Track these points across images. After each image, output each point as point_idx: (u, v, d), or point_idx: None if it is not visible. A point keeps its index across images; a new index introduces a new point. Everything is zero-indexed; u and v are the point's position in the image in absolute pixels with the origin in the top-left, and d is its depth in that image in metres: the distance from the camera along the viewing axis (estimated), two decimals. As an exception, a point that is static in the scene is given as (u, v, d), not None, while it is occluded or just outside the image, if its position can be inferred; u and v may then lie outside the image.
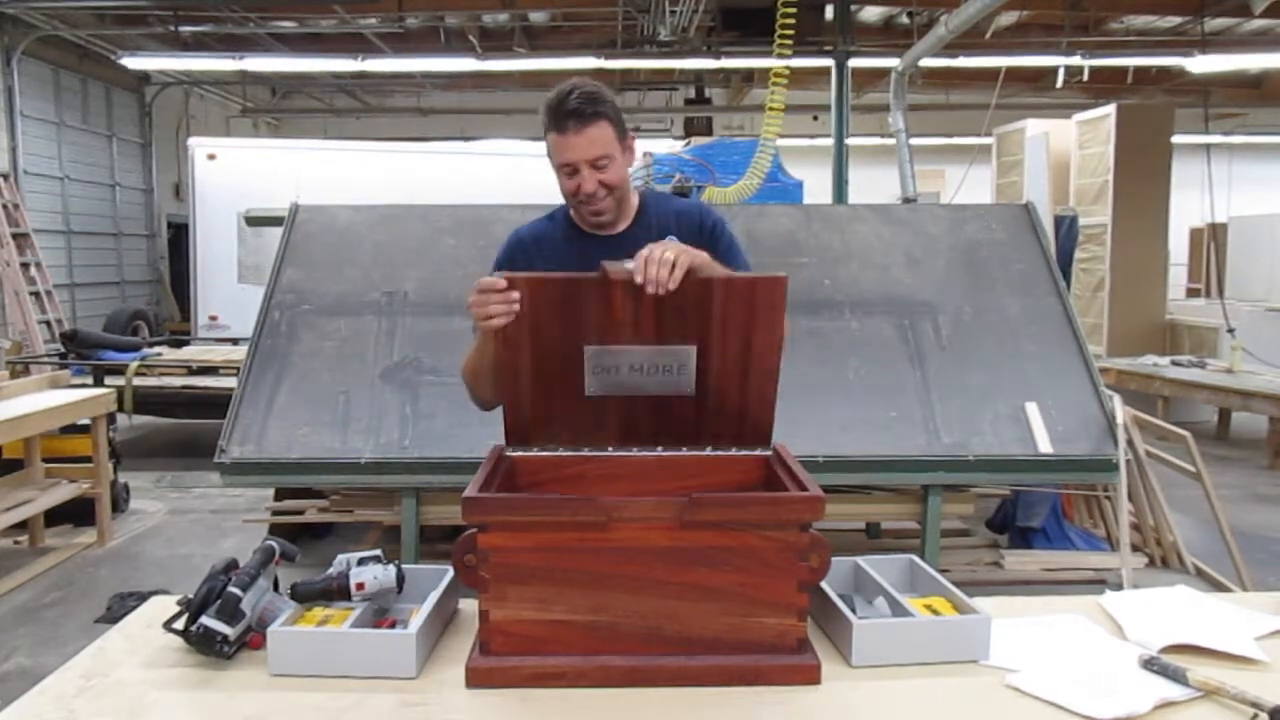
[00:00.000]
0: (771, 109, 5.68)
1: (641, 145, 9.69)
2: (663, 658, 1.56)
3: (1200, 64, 10.71)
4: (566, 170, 2.05)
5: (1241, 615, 1.80)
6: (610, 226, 2.14)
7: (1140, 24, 11.56)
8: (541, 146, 2.09)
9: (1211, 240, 11.28)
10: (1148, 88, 13.57)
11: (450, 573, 1.78)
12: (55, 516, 5.16)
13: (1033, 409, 3.87)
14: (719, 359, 1.81)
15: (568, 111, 1.99)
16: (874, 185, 13.13)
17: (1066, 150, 10.06)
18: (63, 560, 4.87)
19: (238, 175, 9.34)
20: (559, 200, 2.19)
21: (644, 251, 1.72)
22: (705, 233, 2.16)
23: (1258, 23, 11.16)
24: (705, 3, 9.32)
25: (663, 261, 1.70)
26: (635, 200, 2.20)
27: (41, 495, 4.86)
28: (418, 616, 1.67)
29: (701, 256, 1.79)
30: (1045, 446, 3.76)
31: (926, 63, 9.64)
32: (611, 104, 2.04)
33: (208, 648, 1.61)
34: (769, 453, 1.87)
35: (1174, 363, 7.81)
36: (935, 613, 1.73)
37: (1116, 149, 9.24)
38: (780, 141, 5.87)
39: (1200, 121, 11.97)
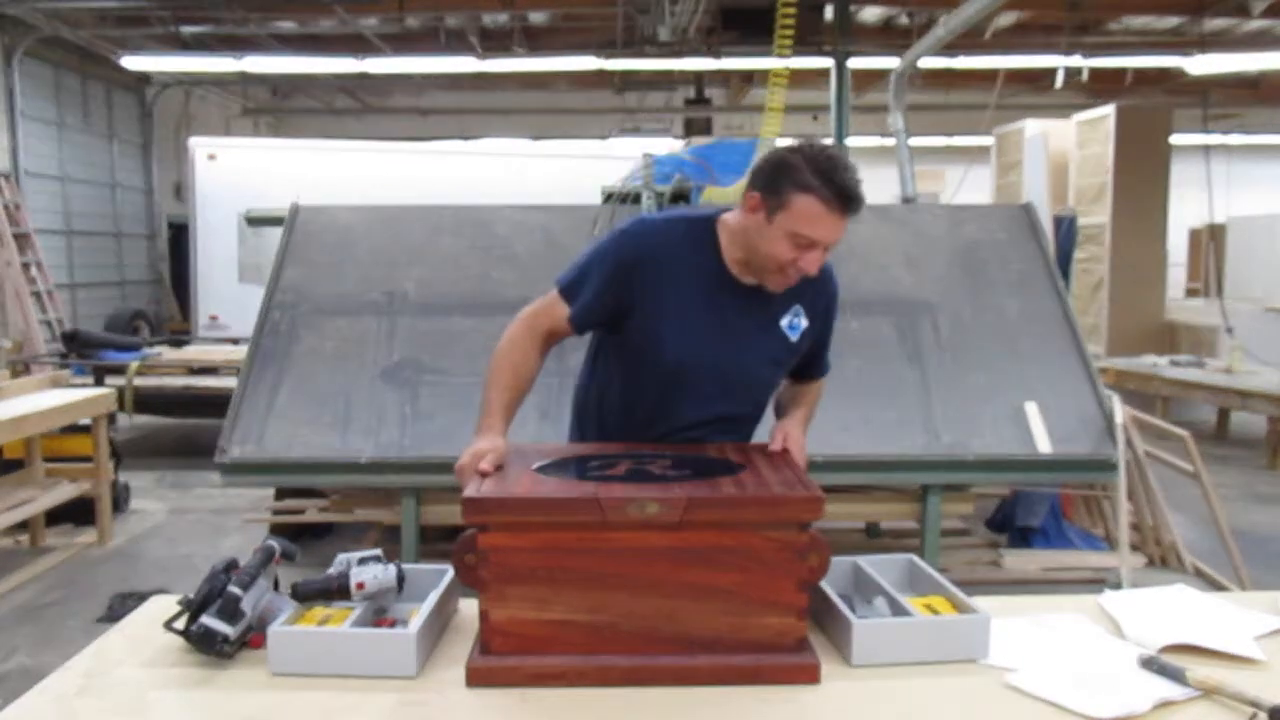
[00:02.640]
0: (771, 109, 5.69)
1: (641, 145, 9.70)
2: (662, 657, 1.56)
3: (1199, 64, 10.71)
4: (803, 242, 1.85)
5: (1241, 615, 1.80)
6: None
7: (1139, 24, 11.55)
8: (541, 146, 2.08)
9: (1210, 240, 11.29)
10: (1147, 88, 13.56)
11: (450, 573, 1.78)
12: (56, 516, 5.16)
13: (1032, 409, 3.88)
14: None
15: (851, 195, 1.82)
16: (874, 185, 12.96)
17: (1066, 150, 10.06)
18: (63, 560, 4.87)
19: (238, 175, 9.34)
20: (558, 200, 2.16)
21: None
22: (824, 306, 2.07)
23: (1256, 23, 11.15)
24: (705, 3, 9.31)
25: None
26: None
27: (42, 495, 4.86)
28: (418, 616, 1.67)
29: None
30: (1044, 446, 3.77)
31: (926, 63, 9.64)
32: None
33: (208, 647, 1.61)
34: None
35: (1173, 363, 7.81)
36: (935, 612, 1.73)
37: (1116, 149, 9.24)
38: (780, 141, 5.86)
39: (1199, 122, 11.94)
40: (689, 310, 1.97)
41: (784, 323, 2.01)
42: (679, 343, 1.97)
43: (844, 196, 1.81)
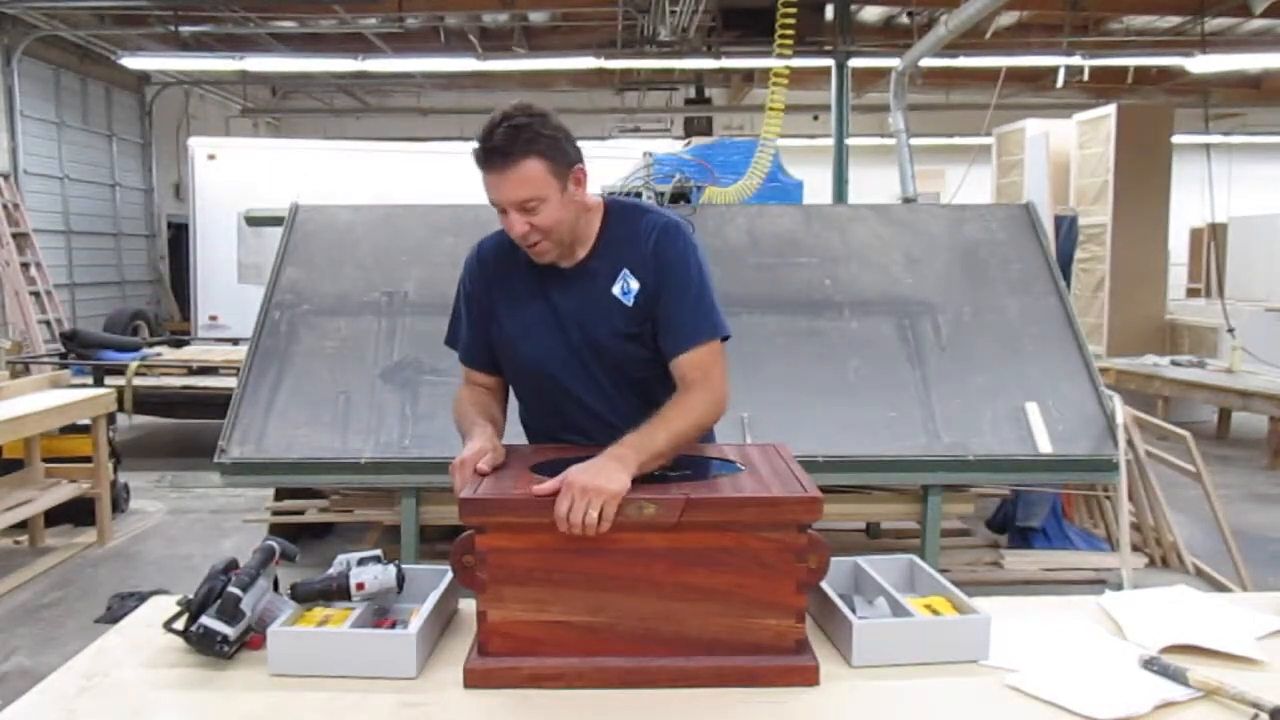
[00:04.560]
0: (771, 109, 5.67)
1: (641, 145, 9.72)
2: (660, 659, 1.56)
3: (1200, 64, 10.70)
4: (498, 208, 1.88)
5: (1241, 615, 1.80)
6: (564, 259, 1.97)
7: (1140, 24, 11.55)
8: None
9: (1211, 240, 11.26)
10: (1148, 88, 13.56)
11: (450, 573, 1.78)
12: (55, 516, 5.16)
13: (1033, 409, 3.87)
14: None
15: (490, 148, 1.81)
16: (874, 185, 13.12)
17: (1066, 150, 10.05)
18: (63, 560, 4.86)
19: (238, 175, 9.35)
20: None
21: (559, 508, 1.54)
22: (654, 268, 1.94)
23: (1258, 23, 11.15)
24: (705, 3, 9.31)
25: (576, 524, 1.54)
26: (598, 221, 2.00)
27: (41, 495, 4.86)
28: (418, 617, 1.67)
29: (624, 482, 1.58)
30: (1045, 446, 3.76)
31: (926, 63, 9.63)
32: (549, 136, 1.82)
33: (208, 648, 1.61)
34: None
35: (1174, 363, 7.80)
36: (935, 613, 1.73)
37: (1116, 149, 9.23)
38: (780, 141, 5.84)
39: (1200, 121, 11.96)
40: (523, 308, 2.02)
41: (616, 290, 1.97)
42: (525, 341, 2.02)
43: (485, 150, 1.82)
